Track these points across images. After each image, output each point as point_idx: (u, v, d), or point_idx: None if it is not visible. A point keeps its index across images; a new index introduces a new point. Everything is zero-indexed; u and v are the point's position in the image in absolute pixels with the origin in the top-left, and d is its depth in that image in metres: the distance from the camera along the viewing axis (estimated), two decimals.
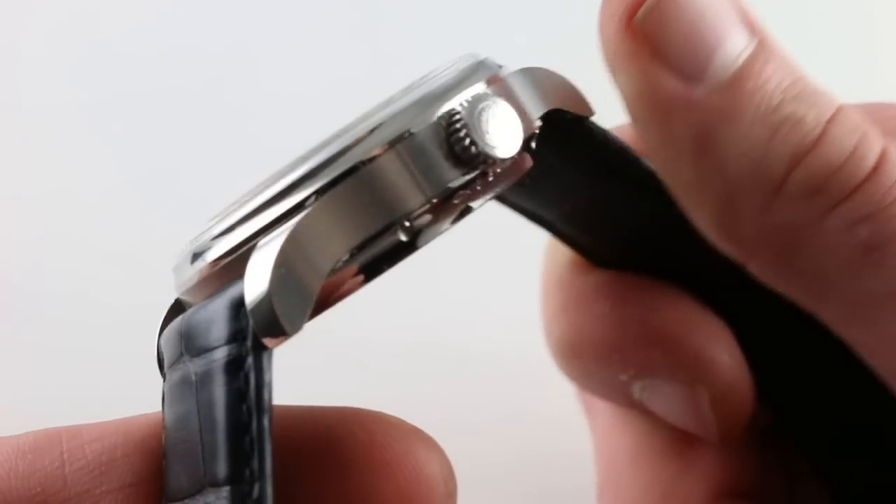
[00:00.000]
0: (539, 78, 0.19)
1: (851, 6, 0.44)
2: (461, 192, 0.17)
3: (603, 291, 0.23)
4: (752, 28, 0.19)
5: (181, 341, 0.17)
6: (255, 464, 0.16)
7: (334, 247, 0.16)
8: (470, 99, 0.17)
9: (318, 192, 0.16)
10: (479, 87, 0.18)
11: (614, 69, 0.19)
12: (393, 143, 0.17)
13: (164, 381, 0.18)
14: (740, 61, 0.19)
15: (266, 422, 0.16)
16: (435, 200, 0.17)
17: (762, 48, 0.19)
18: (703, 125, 0.19)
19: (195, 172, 0.43)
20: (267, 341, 0.16)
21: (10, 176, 0.43)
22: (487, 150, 0.17)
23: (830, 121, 0.19)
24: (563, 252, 0.24)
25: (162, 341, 0.18)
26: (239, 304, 0.16)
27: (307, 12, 0.45)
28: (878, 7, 0.44)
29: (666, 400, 0.23)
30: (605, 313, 0.23)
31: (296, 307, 0.16)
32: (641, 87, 0.19)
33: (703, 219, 0.20)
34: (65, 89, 0.45)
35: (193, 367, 0.17)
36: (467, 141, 0.17)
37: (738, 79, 0.19)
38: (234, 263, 0.17)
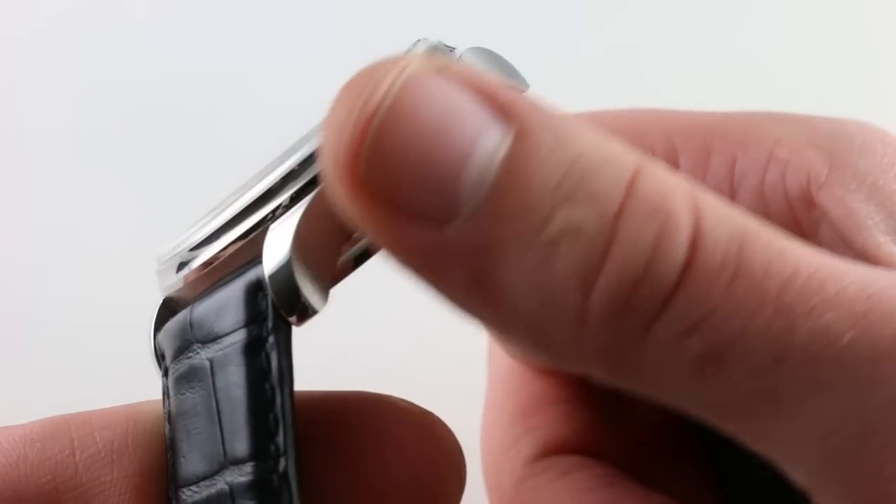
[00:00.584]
0: (484, 58, 0.19)
1: (852, 6, 0.44)
2: None
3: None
4: (505, 113, 0.15)
5: (189, 332, 0.18)
6: (280, 439, 0.16)
7: (344, 225, 0.16)
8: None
9: (301, 191, 0.17)
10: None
11: (365, 231, 0.16)
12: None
13: (166, 375, 0.18)
14: (491, 175, 0.15)
15: (289, 398, 0.16)
16: None
17: (519, 141, 0.15)
18: (472, 269, 0.15)
19: (194, 181, 0.43)
20: (291, 318, 0.16)
21: (11, 182, 0.44)
22: None
23: (617, 216, 0.15)
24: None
25: (161, 337, 0.19)
26: (256, 287, 0.16)
27: (304, 21, 0.45)
28: (879, 7, 0.44)
29: None
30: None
31: (317, 283, 0.16)
32: (394, 249, 0.15)
33: (527, 350, 0.19)
34: (64, 103, 0.45)
35: (207, 353, 0.17)
36: None
37: (494, 199, 0.15)
38: (228, 261, 0.17)
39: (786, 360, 0.15)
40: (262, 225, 0.17)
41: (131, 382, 0.21)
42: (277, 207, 0.17)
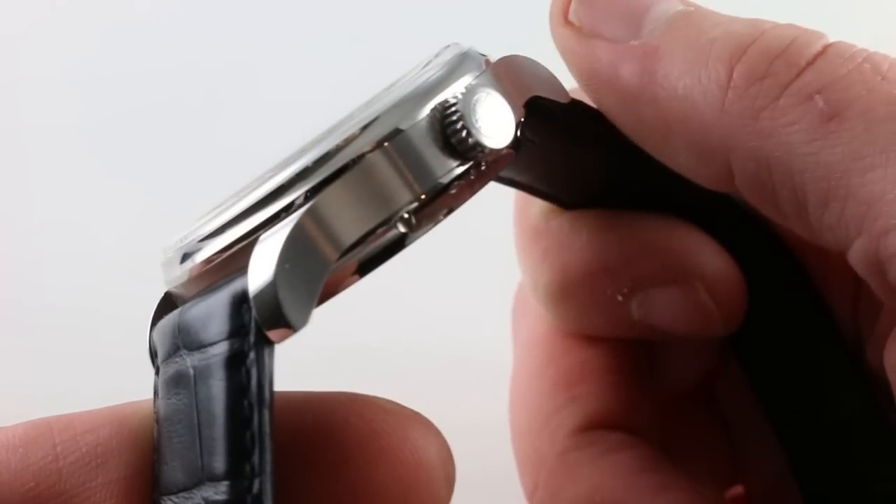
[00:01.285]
0: (520, 66, 0.19)
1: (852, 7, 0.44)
2: (456, 183, 0.17)
3: (578, 226, 0.24)
4: (686, 2, 0.21)
5: (177, 335, 0.17)
6: (256, 459, 0.16)
7: (336, 240, 0.16)
8: (464, 90, 0.17)
9: (314, 190, 0.16)
10: (470, 79, 0.18)
11: (567, 61, 0.21)
12: (390, 138, 0.17)
13: (157, 374, 0.18)
14: (673, 13, 0.20)
15: (267, 417, 0.16)
16: (428, 193, 0.17)
17: (697, 9, 0.20)
18: (644, 68, 0.20)
19: (195, 181, 0.43)
20: (272, 335, 0.16)
21: (11, 187, 0.43)
22: (483, 139, 0.17)
23: (767, 28, 0.20)
24: (534, 204, 0.24)
25: (155, 334, 0.18)
26: (241, 299, 0.16)
27: (303, 20, 0.45)
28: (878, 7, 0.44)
29: (666, 308, 0.24)
30: (585, 244, 0.23)
31: (301, 300, 0.16)
32: (587, 62, 0.20)
33: (672, 155, 0.20)
34: (65, 102, 0.45)
35: (191, 361, 0.17)
36: (463, 132, 0.17)
37: (672, 25, 0.20)
38: (229, 260, 0.17)
39: None
40: (264, 227, 0.17)
41: (130, 377, 0.21)
42: (287, 206, 0.16)
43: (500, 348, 0.28)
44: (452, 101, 0.17)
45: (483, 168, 0.18)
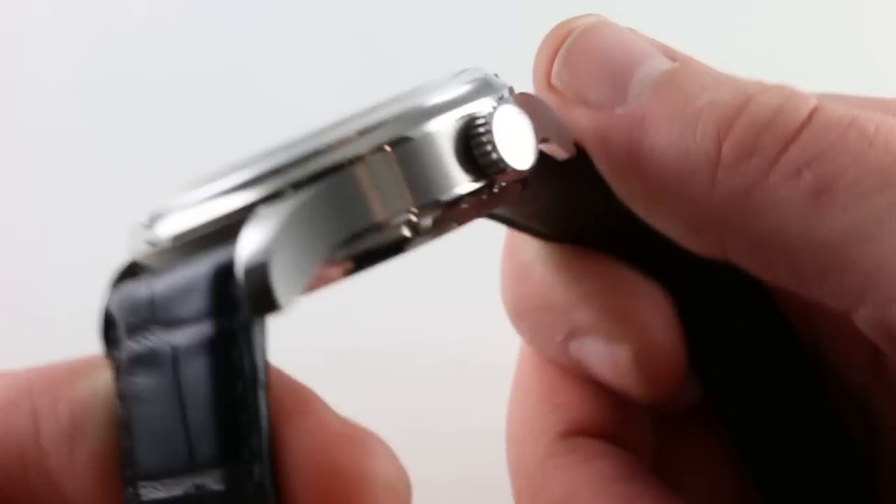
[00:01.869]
0: (538, 104, 0.19)
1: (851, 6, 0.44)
2: (468, 199, 0.17)
3: (542, 257, 0.24)
4: (670, 54, 0.20)
5: (147, 309, 0.16)
6: (255, 443, 0.15)
7: (337, 228, 0.16)
8: (496, 105, 0.17)
9: (324, 173, 0.16)
10: (494, 101, 0.18)
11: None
12: (402, 141, 0.16)
13: (114, 345, 0.17)
14: (658, 75, 0.20)
15: (263, 398, 0.15)
16: (443, 201, 0.17)
17: (686, 66, 0.20)
18: (632, 139, 0.19)
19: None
20: (257, 311, 0.15)
21: (12, 190, 0.43)
22: (506, 157, 0.17)
23: (753, 94, 0.19)
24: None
25: (114, 304, 0.17)
26: (226, 272, 0.15)
27: (304, 22, 0.45)
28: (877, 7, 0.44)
29: (596, 358, 0.23)
30: (540, 278, 0.23)
31: (290, 281, 0.15)
32: (577, 129, 0.20)
33: (663, 225, 0.20)
34: (65, 105, 0.45)
35: (169, 339, 0.16)
36: (489, 146, 0.17)
37: (658, 90, 0.19)
38: (213, 234, 0.16)
39: (891, 187, 0.18)
40: (263, 202, 0.16)
41: None
42: (293, 185, 0.16)
43: (499, 351, 0.28)
44: (483, 114, 0.17)
45: (495, 191, 0.18)
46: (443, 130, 0.17)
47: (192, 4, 0.46)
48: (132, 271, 0.17)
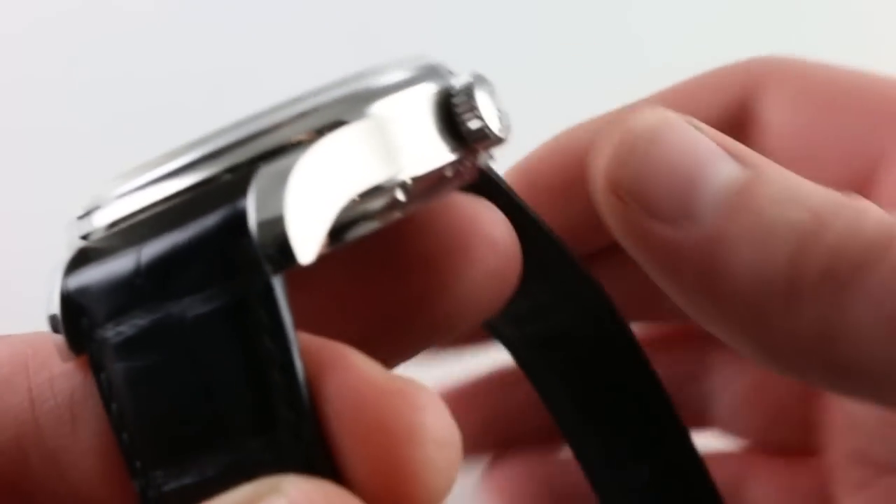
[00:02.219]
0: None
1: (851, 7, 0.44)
2: (452, 166, 0.18)
3: None
4: (742, 159, 0.19)
5: (138, 281, 0.15)
6: (297, 402, 0.14)
7: (346, 184, 0.16)
8: (472, 79, 0.18)
9: (327, 128, 0.16)
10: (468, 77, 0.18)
11: (615, 230, 0.19)
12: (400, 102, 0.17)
13: (87, 338, 0.16)
14: (729, 190, 0.18)
15: (297, 355, 0.14)
16: (427, 165, 0.17)
17: (758, 175, 0.19)
18: (703, 262, 0.18)
19: None
20: (276, 267, 0.14)
21: (13, 192, 0.44)
22: (488, 125, 0.18)
23: (825, 217, 0.18)
24: None
25: (78, 292, 0.16)
26: (235, 230, 0.14)
27: (304, 22, 0.45)
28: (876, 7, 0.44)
29: None
30: None
31: (309, 235, 0.15)
32: (639, 241, 0.19)
33: (740, 345, 0.19)
34: (64, 100, 0.45)
35: (177, 308, 0.15)
36: (470, 115, 0.18)
37: (732, 208, 0.18)
38: (185, 205, 0.15)
39: None
40: (259, 160, 0.15)
41: None
42: (283, 145, 0.15)
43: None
44: (460, 86, 0.18)
45: (475, 159, 0.18)
46: (432, 95, 0.17)
47: (192, 4, 0.46)
48: (82, 261, 0.16)
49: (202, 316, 0.15)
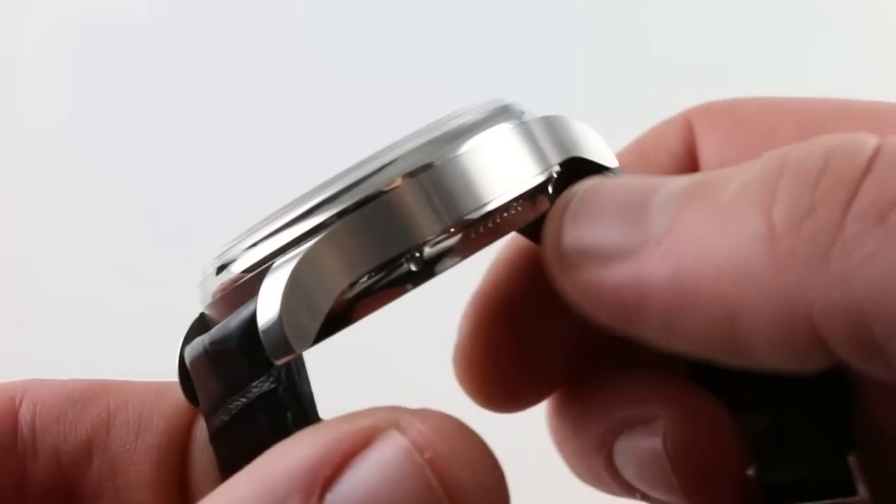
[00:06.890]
0: (560, 126, 0.19)
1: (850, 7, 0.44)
2: (483, 221, 0.18)
3: None
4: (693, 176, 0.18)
5: (219, 387, 0.18)
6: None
7: (347, 271, 0.17)
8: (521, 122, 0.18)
9: (339, 215, 0.17)
10: (504, 127, 0.18)
11: (580, 298, 0.18)
12: (414, 174, 0.17)
13: (217, 412, 0.18)
14: (682, 188, 0.17)
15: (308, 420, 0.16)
16: (453, 229, 0.17)
17: (706, 176, 0.17)
18: (674, 265, 0.16)
19: (195, 191, 0.43)
20: (278, 361, 0.16)
21: (15, 193, 0.44)
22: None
23: (787, 154, 0.16)
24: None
25: (195, 369, 0.18)
26: (252, 326, 0.16)
27: (306, 29, 0.45)
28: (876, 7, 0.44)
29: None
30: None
31: (305, 328, 0.16)
32: (597, 297, 0.17)
33: (747, 353, 0.16)
34: (68, 113, 0.45)
35: (242, 392, 0.17)
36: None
37: (683, 202, 0.17)
38: (253, 280, 0.17)
39: None
40: (282, 252, 0.17)
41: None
42: (309, 231, 0.17)
43: None
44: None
45: (512, 213, 0.18)
46: (453, 158, 0.17)
47: (189, 18, 0.46)
48: (201, 324, 0.19)
49: (245, 405, 0.17)
